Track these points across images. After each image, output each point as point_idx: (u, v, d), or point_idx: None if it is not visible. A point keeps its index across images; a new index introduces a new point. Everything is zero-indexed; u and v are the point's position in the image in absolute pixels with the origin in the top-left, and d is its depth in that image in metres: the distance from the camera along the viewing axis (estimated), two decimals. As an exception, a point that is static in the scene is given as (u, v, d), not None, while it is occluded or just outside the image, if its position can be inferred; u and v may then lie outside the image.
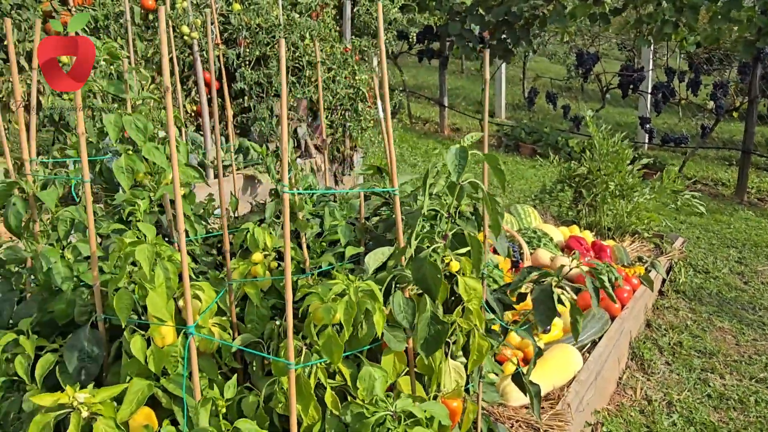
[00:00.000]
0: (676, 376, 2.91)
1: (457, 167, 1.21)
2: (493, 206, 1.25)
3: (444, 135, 7.72)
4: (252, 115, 4.16)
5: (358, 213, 1.60)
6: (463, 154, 1.26)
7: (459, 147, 1.29)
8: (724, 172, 6.93)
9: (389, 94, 4.44)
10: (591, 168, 3.69)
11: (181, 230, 1.07)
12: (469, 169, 1.36)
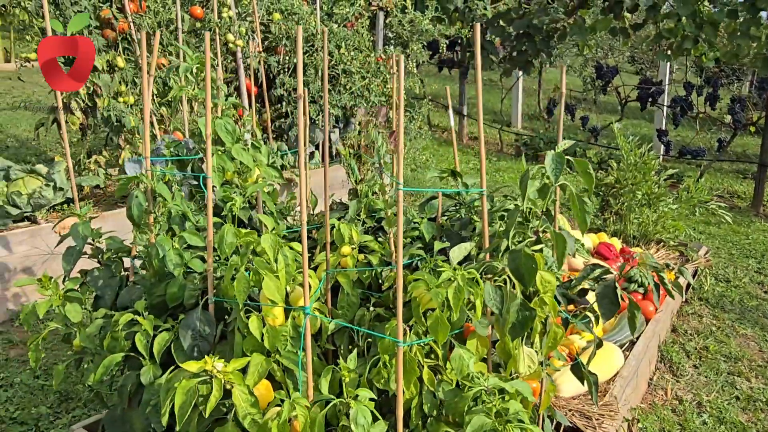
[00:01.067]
0: (704, 379, 3.03)
1: (555, 170, 1.34)
2: (581, 206, 1.38)
3: (463, 143, 7.87)
4: (289, 121, 4.31)
5: (435, 212, 1.73)
6: (559, 159, 1.39)
7: (555, 153, 1.43)
8: (740, 184, 7.05)
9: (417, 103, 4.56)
10: (619, 177, 3.82)
11: (303, 221, 1.20)
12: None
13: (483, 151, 1.54)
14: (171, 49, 3.69)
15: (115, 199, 3.62)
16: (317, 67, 4.31)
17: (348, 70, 4.40)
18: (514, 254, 1.28)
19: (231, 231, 1.51)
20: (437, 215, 1.73)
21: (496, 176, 6.34)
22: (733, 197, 6.60)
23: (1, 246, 2.70)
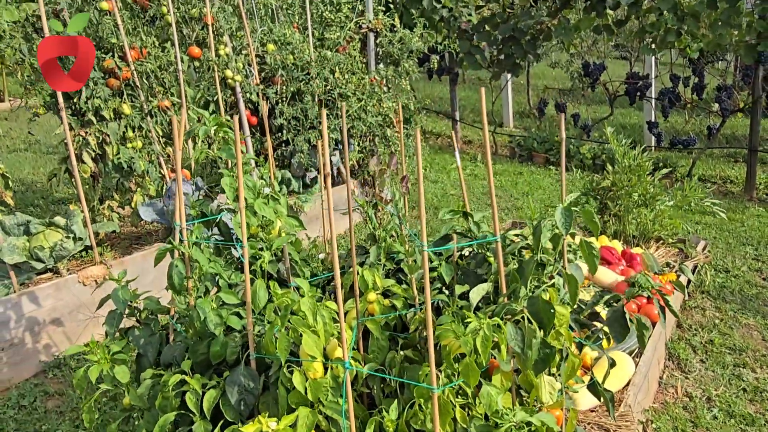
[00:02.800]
0: (712, 373, 3.16)
1: (564, 224, 1.46)
2: (590, 251, 1.50)
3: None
4: (291, 148, 4.43)
5: (451, 253, 1.85)
6: (568, 213, 1.51)
7: (564, 208, 1.54)
8: (731, 169, 7.19)
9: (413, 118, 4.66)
10: (614, 180, 3.94)
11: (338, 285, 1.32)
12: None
13: (494, 203, 1.65)
14: (173, 90, 3.80)
15: (129, 240, 3.73)
16: (314, 94, 4.42)
17: (344, 93, 4.52)
18: (533, 300, 1.40)
19: (263, 287, 1.63)
20: (453, 255, 1.85)
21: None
22: (726, 182, 6.74)
23: (30, 301, 2.81)
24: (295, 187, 4.40)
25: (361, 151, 4.88)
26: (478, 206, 5.62)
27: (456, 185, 6.20)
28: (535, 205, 5.65)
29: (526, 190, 6.08)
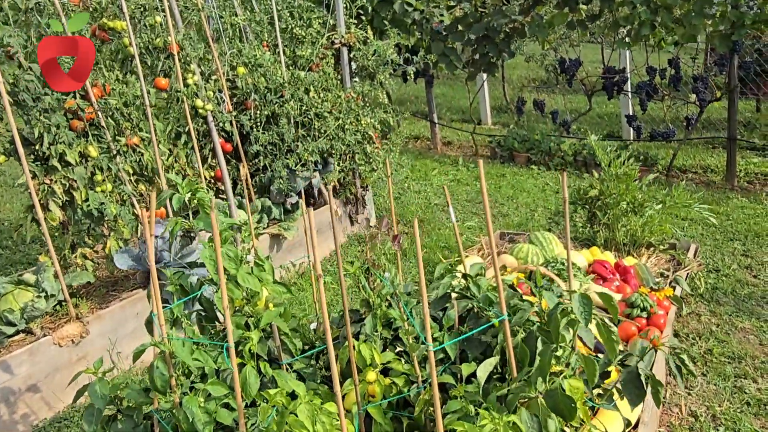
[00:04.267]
0: (714, 387, 3.11)
1: (583, 314, 1.37)
2: (609, 335, 1.41)
3: (437, 151, 7.88)
4: (269, 174, 4.27)
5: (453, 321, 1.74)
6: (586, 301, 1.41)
7: (580, 295, 1.44)
8: (711, 157, 7.21)
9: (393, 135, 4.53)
10: (602, 190, 3.87)
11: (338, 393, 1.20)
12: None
13: (503, 297, 1.54)
14: (142, 125, 3.62)
15: (106, 287, 3.56)
16: (289, 116, 4.27)
17: (320, 113, 4.37)
18: (552, 393, 1.31)
19: (252, 373, 1.50)
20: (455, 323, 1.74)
21: (476, 185, 6.37)
22: (707, 172, 6.76)
23: (3, 370, 2.64)
24: (275, 214, 4.25)
25: (342, 170, 4.75)
26: (463, 215, 5.53)
27: (440, 194, 6.10)
28: (520, 212, 5.58)
29: (510, 194, 6.01)
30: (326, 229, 4.71)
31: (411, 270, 4.46)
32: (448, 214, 5.54)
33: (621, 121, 7.80)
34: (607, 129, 8.51)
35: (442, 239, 4.90)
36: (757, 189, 6.19)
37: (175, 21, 3.84)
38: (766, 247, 4.71)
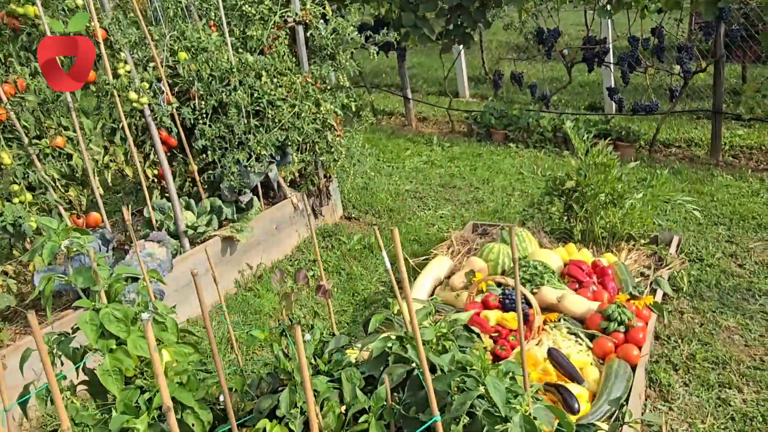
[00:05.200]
0: (696, 399, 2.89)
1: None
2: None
3: (412, 129, 7.52)
4: (219, 171, 3.92)
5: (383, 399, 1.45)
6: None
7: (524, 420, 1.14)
8: (695, 129, 6.93)
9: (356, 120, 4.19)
10: (579, 182, 3.58)
11: None
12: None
13: (433, 397, 1.24)
14: (67, 123, 3.24)
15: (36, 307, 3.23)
16: (239, 106, 3.89)
17: (274, 101, 3.99)
18: None
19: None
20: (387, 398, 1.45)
21: (451, 167, 6.05)
22: (691, 146, 6.49)
23: None
24: (227, 213, 3.91)
25: (302, 161, 4.40)
26: (435, 202, 5.22)
27: (412, 178, 5.78)
28: (496, 197, 5.28)
29: (486, 177, 5.70)
30: (287, 226, 4.39)
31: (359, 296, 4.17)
32: (419, 202, 5.23)
33: (603, 92, 7.46)
34: (589, 100, 8.17)
35: (413, 232, 4.61)
36: (742, 164, 5.94)
37: (101, 3, 3.42)
38: (751, 231, 4.47)
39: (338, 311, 3.70)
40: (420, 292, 3.33)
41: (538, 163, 6.01)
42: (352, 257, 4.31)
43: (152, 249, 3.29)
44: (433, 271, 3.47)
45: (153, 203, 3.78)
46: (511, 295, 2.76)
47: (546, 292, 2.99)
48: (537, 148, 6.42)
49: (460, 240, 4.00)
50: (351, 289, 3.91)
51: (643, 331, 2.65)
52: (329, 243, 4.52)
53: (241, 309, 3.67)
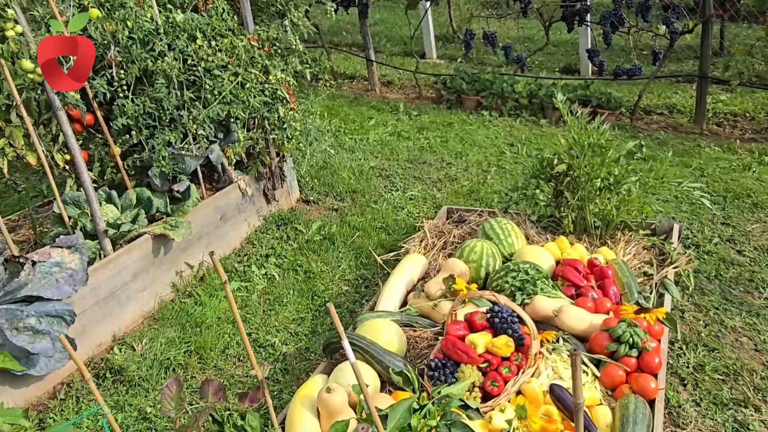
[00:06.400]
0: (710, 422, 2.51)
1: None
2: None
3: (376, 94, 6.89)
4: (147, 155, 3.26)
5: None
6: None
7: None
8: (676, 94, 6.54)
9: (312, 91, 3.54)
10: (572, 165, 3.09)
11: None
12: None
13: None
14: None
15: None
16: (169, 76, 3.21)
17: (212, 69, 3.33)
18: None
19: None
20: None
21: (420, 139, 5.49)
22: (674, 112, 6.09)
23: None
24: (159, 206, 3.28)
25: (250, 139, 3.77)
26: (404, 181, 4.68)
27: (377, 153, 5.20)
28: (470, 174, 4.77)
29: (458, 150, 5.17)
30: (234, 214, 3.79)
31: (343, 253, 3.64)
32: (386, 182, 4.68)
33: (580, 53, 6.96)
34: (564, 61, 7.67)
35: (379, 218, 4.07)
36: (728, 133, 5.58)
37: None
38: (747, 211, 4.11)
39: (295, 319, 3.17)
40: (390, 301, 2.82)
41: (515, 134, 5.51)
42: (310, 250, 3.76)
43: (61, 257, 2.67)
44: (404, 273, 2.96)
45: (66, 195, 3.12)
46: (501, 312, 2.27)
47: (540, 304, 2.52)
48: (512, 117, 5.91)
49: (434, 230, 3.49)
50: (309, 291, 3.37)
51: (657, 354, 2.22)
52: (284, 233, 3.95)
53: (178, 321, 3.10)
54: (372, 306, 2.87)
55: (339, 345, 2.42)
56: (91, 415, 2.56)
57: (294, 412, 2.10)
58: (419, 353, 2.50)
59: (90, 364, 2.84)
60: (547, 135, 5.46)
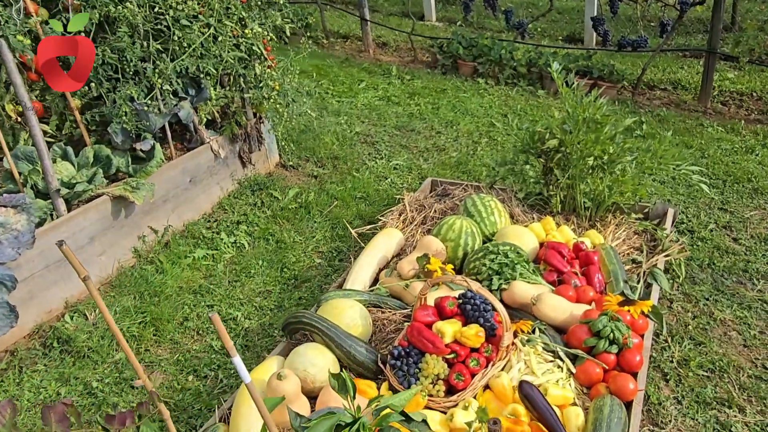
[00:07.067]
0: (691, 422, 2.37)
1: None
2: None
3: (369, 56, 6.58)
4: (107, 109, 3.02)
5: None
6: None
7: None
8: (682, 68, 6.25)
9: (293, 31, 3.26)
10: (564, 141, 2.87)
11: None
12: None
13: None
14: None
15: None
16: (133, 24, 2.95)
17: (180, 19, 3.06)
18: None
19: None
20: None
21: (410, 105, 5.23)
22: (678, 88, 5.82)
23: None
24: (120, 165, 3.06)
25: (223, 97, 3.53)
26: (389, 148, 4.45)
27: (365, 118, 4.95)
28: (460, 144, 4.53)
29: (450, 118, 4.92)
30: (205, 177, 3.58)
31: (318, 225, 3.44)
32: (371, 149, 4.44)
33: (585, 23, 6.63)
34: (568, 29, 7.33)
35: (360, 187, 3.86)
36: (732, 112, 5.34)
37: None
38: (747, 197, 3.91)
39: (262, 292, 2.99)
40: (360, 279, 2.64)
41: (510, 104, 5.25)
42: (284, 218, 3.56)
43: (5, 217, 2.46)
44: (378, 249, 2.77)
45: (18, 150, 2.90)
46: (474, 298, 2.09)
47: (518, 290, 2.34)
48: (509, 85, 5.64)
49: (415, 203, 3.29)
50: (279, 263, 3.19)
51: (639, 351, 2.05)
52: (259, 198, 3.74)
53: (137, 289, 2.92)
54: (340, 283, 2.69)
55: (299, 325, 2.25)
56: (33, 387, 2.40)
57: (242, 399, 1.94)
58: (386, 337, 2.34)
59: (38, 332, 2.67)
60: (544, 106, 5.21)
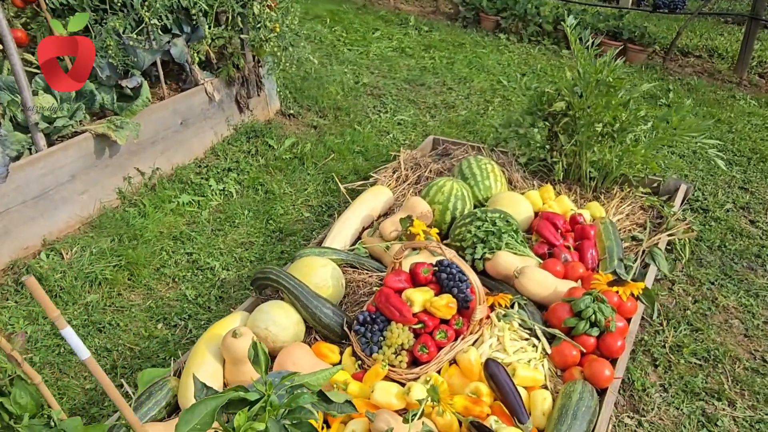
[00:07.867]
0: (675, 411, 2.24)
1: None
2: None
3: (389, 3, 6.27)
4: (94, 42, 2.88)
5: None
6: None
7: None
8: (720, 35, 5.84)
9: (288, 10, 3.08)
10: (573, 104, 2.66)
11: None
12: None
13: None
14: None
15: None
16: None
17: (172, -52, 2.87)
18: None
19: None
20: None
21: (424, 58, 4.99)
22: (713, 56, 5.45)
23: None
24: (105, 102, 2.94)
25: (220, 37, 3.36)
26: (396, 102, 4.25)
27: (374, 69, 4.73)
28: (471, 103, 4.31)
29: (464, 75, 4.68)
30: (198, 120, 3.45)
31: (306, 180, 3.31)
32: (376, 101, 4.25)
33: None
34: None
35: (359, 141, 3.69)
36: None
37: None
38: (772, 177, 3.66)
39: (244, 243, 2.90)
40: (341, 237, 2.52)
41: (530, 63, 4.97)
42: (277, 168, 3.44)
43: (-23, 149, 2.38)
44: (363, 207, 2.64)
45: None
46: (451, 267, 1.96)
47: (502, 261, 2.20)
48: (532, 43, 5.33)
49: (410, 161, 3.13)
50: (266, 214, 3.08)
51: (622, 335, 1.91)
52: (254, 146, 3.61)
53: (117, 231, 2.85)
54: (320, 240, 2.57)
55: (266, 281, 2.15)
56: (1, 323, 2.37)
57: (197, 353, 1.86)
58: (358, 299, 2.23)
59: (12, 267, 2.63)
60: (566, 68, 4.91)
